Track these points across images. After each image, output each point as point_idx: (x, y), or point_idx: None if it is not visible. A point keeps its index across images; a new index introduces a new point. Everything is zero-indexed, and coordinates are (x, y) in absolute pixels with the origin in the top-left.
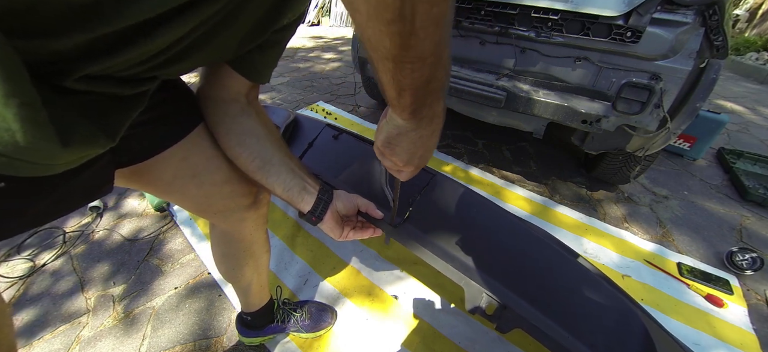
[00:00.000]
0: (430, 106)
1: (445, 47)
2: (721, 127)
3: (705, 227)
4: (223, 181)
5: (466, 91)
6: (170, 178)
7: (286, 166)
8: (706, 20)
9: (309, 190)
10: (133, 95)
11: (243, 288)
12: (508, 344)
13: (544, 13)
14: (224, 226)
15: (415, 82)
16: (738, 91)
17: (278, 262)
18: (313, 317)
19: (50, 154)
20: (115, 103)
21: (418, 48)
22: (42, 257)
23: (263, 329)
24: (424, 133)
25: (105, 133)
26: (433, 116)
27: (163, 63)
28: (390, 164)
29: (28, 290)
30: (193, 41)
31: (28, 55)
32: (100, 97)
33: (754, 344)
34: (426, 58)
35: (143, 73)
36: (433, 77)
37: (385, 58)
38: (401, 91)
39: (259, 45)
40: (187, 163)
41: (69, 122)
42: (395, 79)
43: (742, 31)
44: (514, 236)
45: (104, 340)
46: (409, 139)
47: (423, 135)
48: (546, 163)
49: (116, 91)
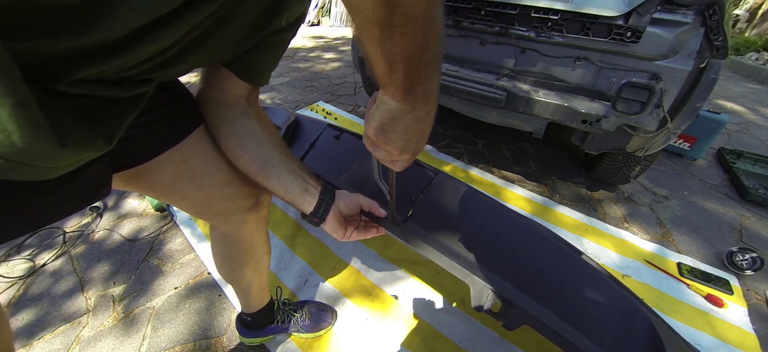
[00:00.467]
0: (425, 82)
1: (436, 8)
2: (721, 127)
3: (705, 227)
4: (223, 183)
5: (466, 91)
6: (169, 180)
7: (287, 168)
8: (706, 20)
9: (310, 191)
10: (130, 98)
11: (243, 289)
12: (508, 344)
13: (544, 13)
14: (224, 228)
15: (406, 50)
16: (738, 91)
17: (278, 262)
18: (313, 317)
19: (49, 156)
20: (111, 105)
21: (406, 5)
22: (42, 257)
23: (263, 329)
24: (419, 114)
25: (101, 136)
26: (428, 94)
27: (158, 66)
28: (383, 155)
29: (28, 290)
30: (188, 44)
31: (18, 56)
32: (95, 100)
33: (754, 344)
34: (417, 19)
35: (138, 76)
36: (426, 44)
37: (369, 22)
38: (392, 64)
39: (257, 47)
40: (186, 165)
41: (64, 125)
42: (383, 49)
43: (742, 31)
44: (517, 234)
45: (104, 340)
46: (404, 124)
47: (419, 117)
48: (546, 163)
49: (111, 93)
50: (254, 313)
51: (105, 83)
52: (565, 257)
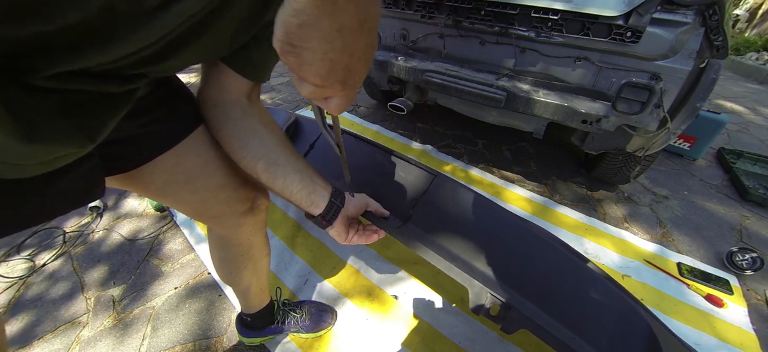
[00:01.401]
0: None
1: None
2: (721, 127)
3: (705, 227)
4: (218, 186)
5: (466, 91)
6: (162, 183)
7: (293, 168)
8: (706, 20)
9: (318, 192)
10: (119, 94)
11: (242, 291)
12: (508, 344)
13: (544, 13)
14: (221, 231)
15: None
16: (738, 91)
17: (278, 262)
18: (313, 317)
19: (15, 152)
20: (97, 101)
21: None
22: (42, 257)
23: (263, 329)
24: (344, 20)
25: (83, 133)
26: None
27: (147, 59)
28: (308, 90)
29: (28, 290)
30: (180, 36)
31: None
32: (79, 94)
33: (754, 344)
34: None
35: (127, 70)
36: None
37: None
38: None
39: (255, 40)
40: (180, 168)
41: (36, 120)
42: None
43: (742, 31)
44: (516, 237)
45: (104, 340)
46: (322, 34)
47: (344, 25)
48: (546, 163)
49: (98, 88)
50: (254, 313)
51: (90, 77)
52: (564, 259)
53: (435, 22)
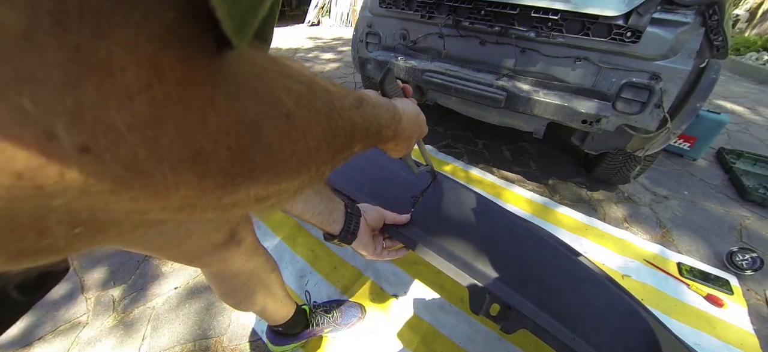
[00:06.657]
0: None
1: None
2: (721, 127)
3: (705, 227)
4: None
5: (466, 91)
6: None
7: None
8: (706, 20)
9: (337, 207)
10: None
11: (259, 311)
12: (508, 343)
13: (544, 13)
14: (210, 270)
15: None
16: (738, 91)
17: (278, 262)
18: (344, 314)
19: None
20: None
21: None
22: None
23: (299, 335)
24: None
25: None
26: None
27: None
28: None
29: None
30: None
31: None
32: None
33: (754, 344)
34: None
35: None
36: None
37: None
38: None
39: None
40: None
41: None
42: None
43: (742, 31)
44: (516, 237)
45: (104, 340)
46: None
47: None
48: (546, 164)
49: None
50: (285, 323)
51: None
52: (564, 259)
53: (435, 22)
